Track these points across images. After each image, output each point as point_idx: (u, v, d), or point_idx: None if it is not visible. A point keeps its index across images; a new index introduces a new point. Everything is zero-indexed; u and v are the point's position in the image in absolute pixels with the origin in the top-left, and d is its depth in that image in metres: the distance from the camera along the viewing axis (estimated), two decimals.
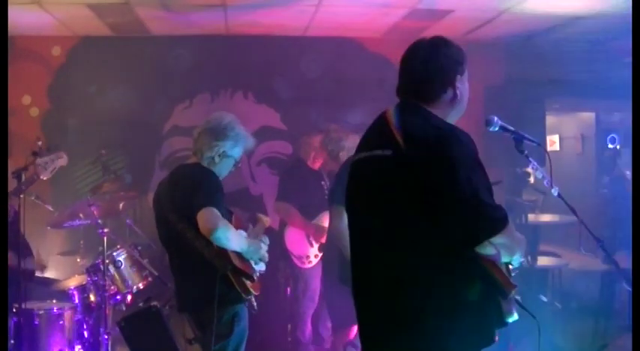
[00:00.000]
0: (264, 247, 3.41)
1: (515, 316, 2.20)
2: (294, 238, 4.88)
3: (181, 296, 3.38)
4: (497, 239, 2.07)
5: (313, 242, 4.84)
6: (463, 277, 2.13)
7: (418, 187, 2.09)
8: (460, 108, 2.36)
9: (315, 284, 4.89)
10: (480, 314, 2.15)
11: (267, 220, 3.64)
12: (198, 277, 3.19)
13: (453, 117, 2.34)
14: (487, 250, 2.09)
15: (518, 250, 2.21)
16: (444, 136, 2.14)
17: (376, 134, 2.30)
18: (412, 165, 2.11)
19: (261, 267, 3.38)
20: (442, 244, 2.10)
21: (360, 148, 2.37)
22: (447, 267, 2.12)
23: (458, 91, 2.32)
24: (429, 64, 2.30)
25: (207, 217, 3.03)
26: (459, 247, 2.10)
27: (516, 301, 2.23)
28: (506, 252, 2.15)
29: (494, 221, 2.08)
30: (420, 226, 2.12)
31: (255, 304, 3.32)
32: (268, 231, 5.87)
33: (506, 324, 2.21)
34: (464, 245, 2.10)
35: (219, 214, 3.06)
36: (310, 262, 4.85)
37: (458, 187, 2.05)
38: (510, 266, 2.31)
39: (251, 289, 3.22)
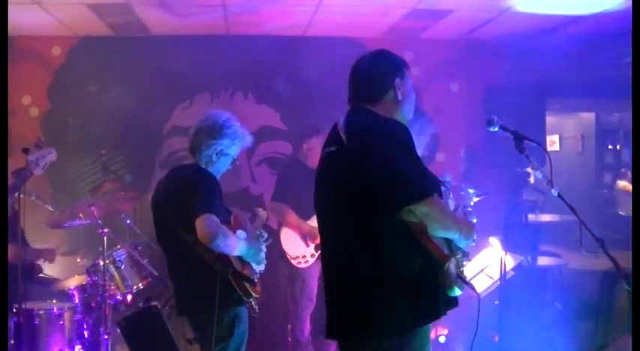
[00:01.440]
0: (264, 249, 3.38)
1: (456, 291, 2.37)
2: (289, 239, 4.87)
3: (181, 299, 3.35)
4: (420, 208, 2.27)
5: (309, 242, 4.83)
6: (402, 252, 2.35)
7: (356, 172, 2.35)
8: (407, 108, 2.60)
9: (313, 283, 4.88)
10: (421, 287, 2.34)
11: (264, 214, 3.61)
12: (198, 280, 3.17)
13: (401, 116, 2.56)
14: (410, 217, 2.29)
15: (454, 225, 2.39)
16: (376, 125, 2.43)
17: (329, 137, 2.62)
18: (350, 154, 2.40)
19: (260, 267, 3.37)
20: (378, 220, 2.34)
21: (321, 152, 2.68)
22: (384, 242, 2.35)
23: (399, 92, 2.55)
24: (367, 69, 2.62)
25: (206, 225, 2.98)
26: (389, 218, 2.31)
27: (459, 276, 2.38)
28: (435, 223, 2.32)
29: (414, 189, 2.27)
30: (361, 208, 2.37)
31: (256, 307, 3.31)
32: (268, 231, 5.91)
33: (453, 301, 2.42)
34: (387, 211, 2.31)
35: (217, 221, 3.02)
36: (307, 261, 4.84)
37: (382, 161, 2.30)
38: (452, 244, 2.44)
39: (252, 292, 3.21)
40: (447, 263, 2.32)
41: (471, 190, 2.85)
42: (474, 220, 2.64)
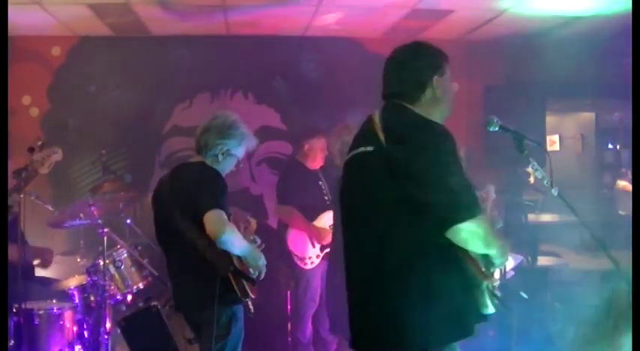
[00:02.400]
0: (263, 257, 3.38)
1: (491, 309, 2.29)
2: (297, 240, 4.88)
3: (179, 295, 3.36)
4: (470, 226, 2.15)
5: (315, 243, 4.84)
6: (439, 266, 2.22)
7: (397, 177, 2.22)
8: (444, 107, 2.46)
9: (316, 284, 4.89)
10: (456, 304, 2.24)
11: (254, 224, 3.62)
12: (198, 277, 3.18)
13: (438, 115, 2.42)
14: (457, 235, 2.17)
15: (495, 245, 2.26)
16: (419, 128, 2.28)
17: (362, 134, 2.46)
18: (391, 157, 2.24)
19: (255, 274, 3.36)
20: (418, 232, 2.22)
21: (351, 147, 2.51)
22: (423, 255, 2.22)
23: (437, 91, 2.41)
24: (405, 66, 2.45)
25: (215, 220, 3.03)
26: (433, 232, 2.19)
27: (494, 294, 2.31)
28: (480, 242, 2.21)
29: (468, 206, 2.16)
30: (400, 215, 2.24)
31: (251, 307, 3.32)
32: (268, 231, 5.92)
33: (484, 317, 2.31)
34: (436, 229, 2.17)
35: (226, 217, 3.06)
36: (313, 262, 4.86)
37: (432, 173, 2.17)
38: (489, 261, 2.35)
39: (249, 291, 3.21)
40: (486, 282, 2.26)
41: (491, 188, 2.80)
42: (500, 225, 2.57)
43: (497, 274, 2.42)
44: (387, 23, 5.68)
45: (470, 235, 2.17)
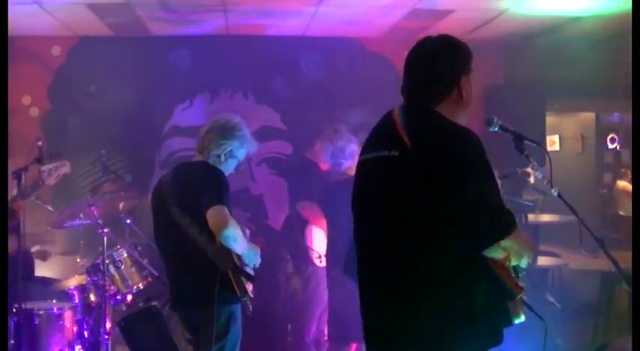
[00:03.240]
0: (259, 258, 3.39)
1: (522, 318, 2.21)
2: (317, 236, 4.87)
3: (177, 294, 3.36)
4: (506, 242, 2.06)
5: None
6: (471, 280, 2.11)
7: (426, 188, 2.06)
8: (467, 107, 2.33)
9: (324, 283, 4.89)
10: (488, 317, 2.14)
11: (248, 234, 3.62)
12: (197, 276, 3.19)
13: (461, 117, 2.30)
14: (496, 253, 2.08)
15: (526, 252, 2.19)
16: (452, 136, 2.12)
17: (383, 135, 2.27)
18: (420, 165, 2.08)
19: (250, 272, 3.36)
20: (450, 246, 2.08)
21: (367, 148, 2.34)
22: (455, 269, 2.10)
23: (464, 92, 2.27)
24: (435, 64, 2.26)
25: (219, 214, 3.05)
26: (468, 250, 2.08)
27: (524, 302, 2.24)
28: (515, 255, 2.14)
29: (503, 224, 2.05)
30: (429, 228, 2.09)
31: (250, 306, 3.32)
32: (269, 232, 5.92)
33: (512, 324, 2.21)
34: (473, 248, 2.08)
35: (228, 213, 3.09)
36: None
37: (466, 189, 2.02)
38: (518, 269, 2.29)
39: (248, 290, 3.22)
40: (520, 294, 2.16)
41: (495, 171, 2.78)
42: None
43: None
44: (387, 23, 5.68)
45: (507, 250, 2.09)
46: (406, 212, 2.12)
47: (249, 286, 3.24)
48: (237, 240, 3.11)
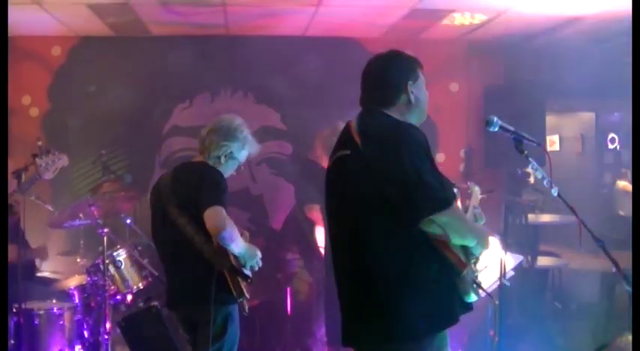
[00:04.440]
0: (259, 255, 3.39)
1: (473, 297, 2.40)
2: (322, 237, 4.88)
3: (174, 293, 3.36)
4: (442, 218, 2.26)
5: None
6: (419, 258, 2.33)
7: (374, 177, 2.32)
8: (419, 111, 2.57)
9: None
10: (438, 293, 2.34)
11: (247, 236, 3.62)
12: (194, 275, 3.19)
13: (414, 119, 2.54)
14: (432, 228, 2.28)
15: (471, 235, 2.40)
16: (393, 128, 2.40)
17: (341, 139, 2.57)
18: (367, 159, 2.36)
19: (248, 272, 3.36)
20: (396, 228, 2.32)
21: (331, 154, 2.61)
22: (404, 249, 2.33)
23: (412, 96, 2.52)
24: (380, 73, 2.58)
25: (217, 216, 3.05)
26: (409, 227, 2.30)
27: (474, 282, 2.40)
28: (455, 233, 2.33)
29: (436, 200, 2.26)
30: (379, 214, 2.34)
31: (246, 307, 3.32)
32: (270, 232, 5.92)
33: (468, 306, 2.43)
34: (410, 222, 2.29)
35: (226, 214, 3.09)
36: None
37: (403, 170, 2.26)
38: (468, 251, 2.44)
39: (244, 291, 3.22)
40: (464, 270, 2.34)
41: (476, 188, 2.84)
42: (484, 221, 2.64)
43: (480, 265, 2.51)
44: (387, 23, 5.68)
45: (443, 226, 2.28)
46: (361, 203, 2.38)
47: (246, 287, 3.24)
48: (234, 241, 3.11)
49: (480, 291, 2.44)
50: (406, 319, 2.32)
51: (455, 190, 2.49)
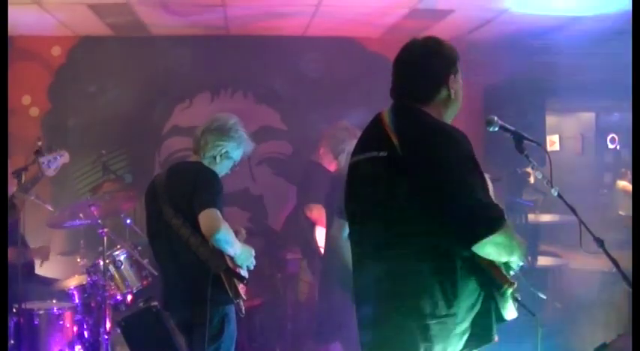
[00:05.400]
0: (253, 254, 3.38)
1: (513, 314, 2.23)
2: (322, 237, 4.87)
3: (169, 294, 3.36)
4: (495, 238, 2.06)
5: None
6: (461, 276, 2.13)
7: (415, 187, 2.10)
8: (455, 107, 2.36)
9: None
10: (479, 312, 2.17)
11: (244, 233, 3.62)
12: (189, 276, 3.18)
13: (449, 116, 2.34)
14: (486, 248, 2.08)
15: (517, 250, 2.19)
16: (439, 135, 2.15)
17: (372, 136, 2.32)
18: (408, 165, 2.12)
19: (245, 273, 3.36)
20: (440, 243, 2.11)
21: (357, 150, 2.38)
22: (444, 266, 2.13)
23: (452, 91, 2.30)
24: (421, 64, 2.30)
25: (211, 218, 3.04)
26: (457, 247, 2.10)
27: (516, 299, 2.25)
28: (504, 251, 2.13)
29: (491, 221, 2.06)
30: (418, 226, 2.12)
31: (242, 307, 3.31)
32: (270, 232, 5.92)
33: (504, 321, 2.24)
34: (461, 245, 2.09)
35: (221, 216, 3.07)
36: None
37: (454, 187, 2.06)
38: (508, 266, 2.28)
39: (240, 292, 3.21)
40: (510, 287, 2.17)
41: (486, 175, 2.80)
42: None
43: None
44: (387, 23, 5.68)
45: (495, 247, 2.08)
46: (395, 212, 2.16)
47: (242, 288, 3.24)
48: (229, 243, 3.10)
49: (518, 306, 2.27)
50: (440, 339, 2.13)
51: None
